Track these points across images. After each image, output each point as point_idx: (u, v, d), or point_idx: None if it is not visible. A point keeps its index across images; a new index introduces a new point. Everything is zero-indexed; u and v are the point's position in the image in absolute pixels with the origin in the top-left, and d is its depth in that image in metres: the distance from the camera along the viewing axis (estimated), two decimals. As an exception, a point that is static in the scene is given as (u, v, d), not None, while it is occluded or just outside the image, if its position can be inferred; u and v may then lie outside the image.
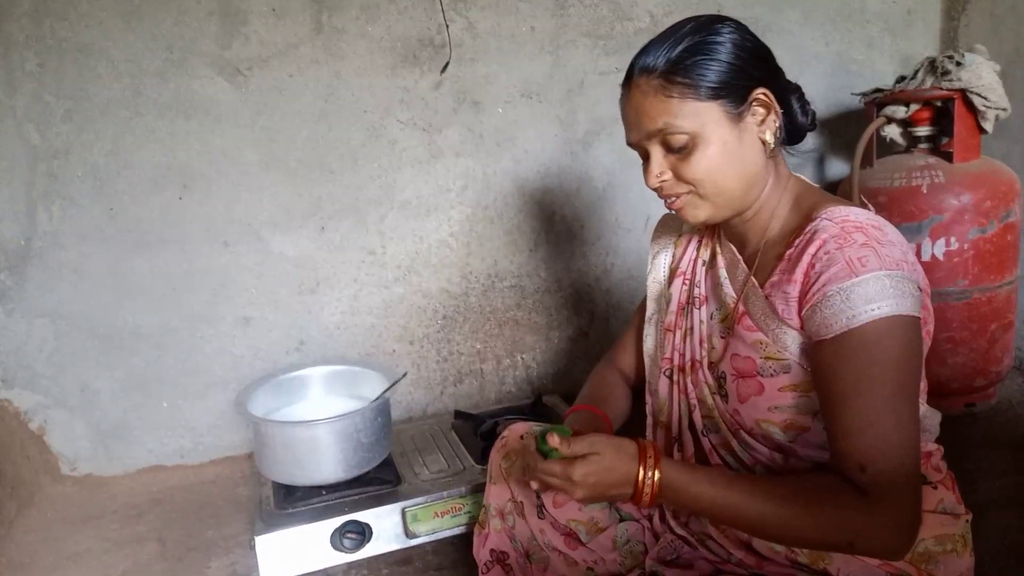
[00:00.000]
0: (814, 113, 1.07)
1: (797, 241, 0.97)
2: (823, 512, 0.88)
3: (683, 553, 1.12)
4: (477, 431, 1.85)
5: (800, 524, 0.89)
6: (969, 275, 1.98)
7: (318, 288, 2.09)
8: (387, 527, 1.54)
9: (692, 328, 1.14)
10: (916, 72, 2.08)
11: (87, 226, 1.90)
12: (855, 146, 2.08)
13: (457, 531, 1.59)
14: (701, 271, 1.16)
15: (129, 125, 1.88)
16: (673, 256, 1.23)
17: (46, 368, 1.95)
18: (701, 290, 1.15)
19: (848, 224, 0.92)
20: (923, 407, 1.03)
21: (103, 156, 1.88)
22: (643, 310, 1.28)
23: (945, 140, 2.05)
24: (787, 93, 1.04)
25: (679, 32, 0.98)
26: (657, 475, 0.94)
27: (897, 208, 2.01)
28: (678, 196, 1.02)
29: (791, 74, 1.10)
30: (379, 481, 1.61)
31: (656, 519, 1.20)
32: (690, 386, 1.13)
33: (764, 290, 1.01)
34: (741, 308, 1.04)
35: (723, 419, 1.08)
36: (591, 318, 2.33)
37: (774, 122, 1.00)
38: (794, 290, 0.94)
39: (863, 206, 1.00)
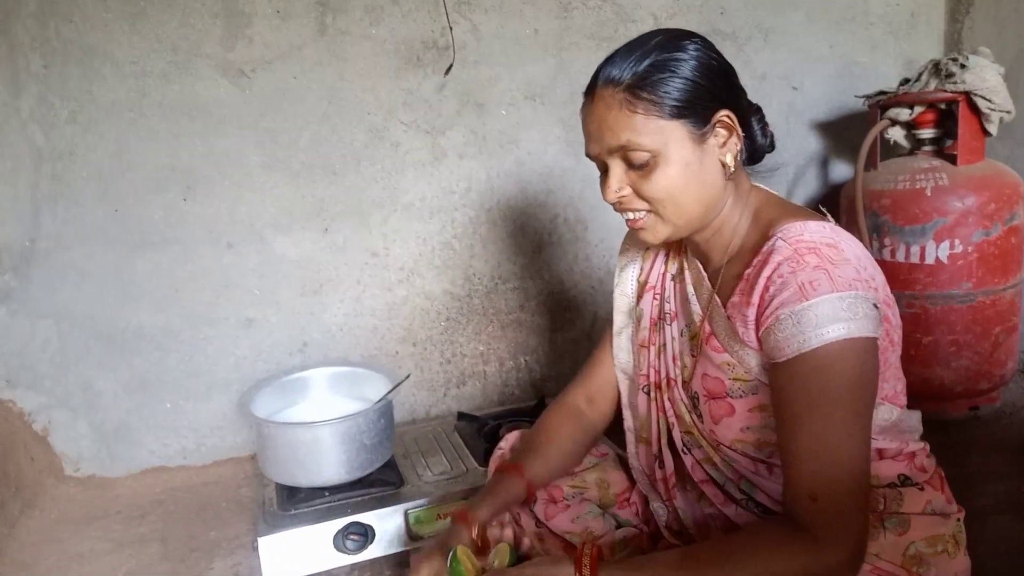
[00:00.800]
0: (773, 135, 1.06)
1: (755, 261, 0.96)
2: (776, 565, 0.86)
3: None
4: (480, 433, 1.85)
5: None
6: (973, 278, 1.97)
7: (321, 290, 2.09)
8: (390, 529, 1.54)
9: (665, 344, 1.13)
10: (920, 74, 2.08)
11: (91, 227, 1.91)
12: (859, 149, 2.07)
13: (460, 533, 1.59)
14: (670, 285, 1.15)
15: (133, 126, 1.89)
16: (641, 269, 1.22)
17: (49, 369, 1.95)
18: (671, 305, 1.14)
19: (802, 245, 0.91)
20: (897, 411, 1.02)
21: (107, 157, 1.89)
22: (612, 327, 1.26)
23: (949, 143, 2.05)
24: (748, 115, 1.03)
25: (646, 45, 0.96)
26: None
27: (901, 211, 2.01)
28: (637, 215, 1.00)
29: (795, 77, 1.10)
30: (382, 483, 1.61)
31: (654, 525, 1.20)
32: (667, 403, 1.12)
33: (727, 310, 1.00)
34: (707, 328, 1.03)
35: (703, 436, 1.07)
36: (594, 320, 2.33)
37: (735, 144, 0.98)
38: (751, 313, 0.94)
39: (822, 214, 0.99)
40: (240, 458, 2.09)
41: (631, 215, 1.01)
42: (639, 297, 1.20)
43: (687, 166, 0.95)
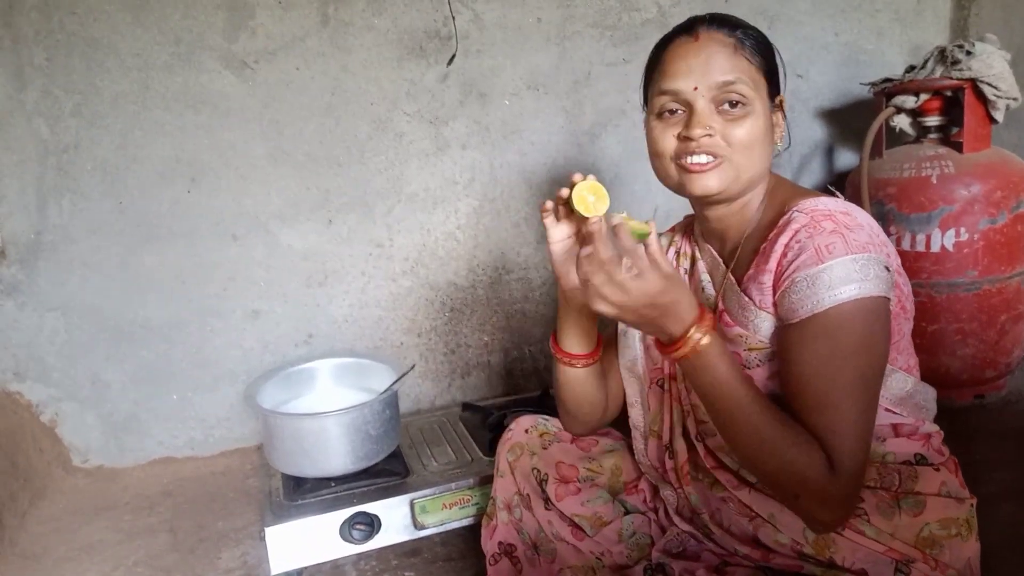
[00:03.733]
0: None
1: (771, 234, 0.99)
2: (794, 449, 0.89)
3: (689, 546, 1.12)
4: (485, 423, 1.85)
5: (773, 447, 0.90)
6: (979, 266, 1.97)
7: (326, 281, 2.09)
8: (396, 518, 1.55)
9: None
10: (926, 62, 2.07)
11: (97, 220, 1.91)
12: (864, 136, 2.06)
13: (465, 522, 1.60)
14: (684, 280, 1.15)
15: (138, 119, 1.89)
16: None
17: (57, 361, 1.96)
18: None
19: (818, 213, 0.95)
20: (912, 380, 1.04)
21: (112, 150, 1.89)
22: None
23: (955, 130, 2.04)
24: None
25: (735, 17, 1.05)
26: (707, 339, 0.90)
27: (906, 199, 2.00)
28: (709, 158, 1.00)
29: (800, 65, 1.11)
30: (388, 473, 1.62)
31: (662, 512, 1.20)
32: (683, 392, 1.13)
33: (742, 284, 1.02)
34: (720, 305, 1.06)
35: None
36: (599, 310, 2.32)
37: (782, 129, 1.07)
38: (768, 279, 0.97)
39: (832, 195, 1.03)
40: (247, 448, 2.11)
41: (704, 158, 1.00)
42: None
43: (765, 124, 1.02)
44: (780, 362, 0.97)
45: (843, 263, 0.90)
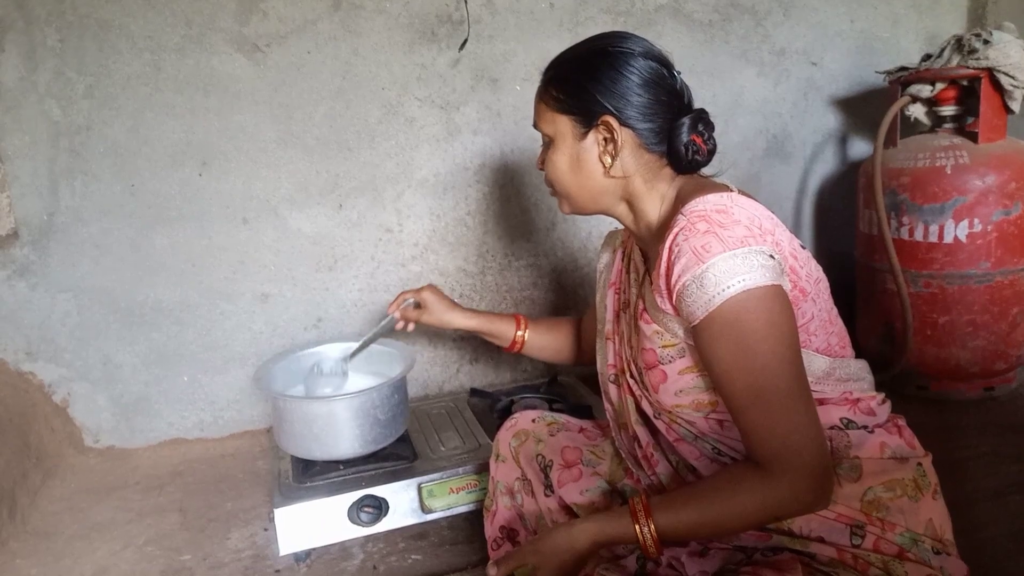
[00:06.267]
0: (704, 151, 1.07)
1: (663, 238, 1.01)
2: (741, 503, 0.94)
3: None
4: (493, 409, 1.86)
5: (730, 518, 0.95)
6: (992, 257, 1.95)
7: (336, 265, 2.10)
8: (403, 502, 1.56)
9: (624, 331, 1.20)
10: (942, 50, 2.05)
11: (108, 202, 1.92)
12: (878, 126, 2.05)
13: (472, 507, 1.61)
14: (626, 279, 1.23)
15: (149, 101, 1.89)
16: (608, 269, 1.30)
17: (69, 342, 1.98)
18: (626, 296, 1.21)
19: (694, 214, 0.97)
20: (829, 360, 1.04)
21: (124, 132, 1.89)
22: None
23: (970, 120, 2.02)
24: (671, 124, 1.06)
25: (579, 46, 1.11)
26: (652, 525, 0.97)
27: (920, 189, 1.99)
28: (550, 187, 1.16)
29: (814, 52, 1.09)
30: (396, 457, 1.63)
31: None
32: (631, 382, 1.17)
33: (653, 285, 1.05)
34: (640, 304, 1.10)
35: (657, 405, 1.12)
36: (607, 298, 2.32)
37: (614, 148, 1.06)
38: (663, 283, 1.00)
39: (726, 188, 1.03)
40: (256, 431, 2.12)
41: (551, 188, 1.17)
42: (605, 296, 1.27)
43: (568, 156, 1.09)
44: (704, 365, 0.99)
45: (724, 259, 0.92)
